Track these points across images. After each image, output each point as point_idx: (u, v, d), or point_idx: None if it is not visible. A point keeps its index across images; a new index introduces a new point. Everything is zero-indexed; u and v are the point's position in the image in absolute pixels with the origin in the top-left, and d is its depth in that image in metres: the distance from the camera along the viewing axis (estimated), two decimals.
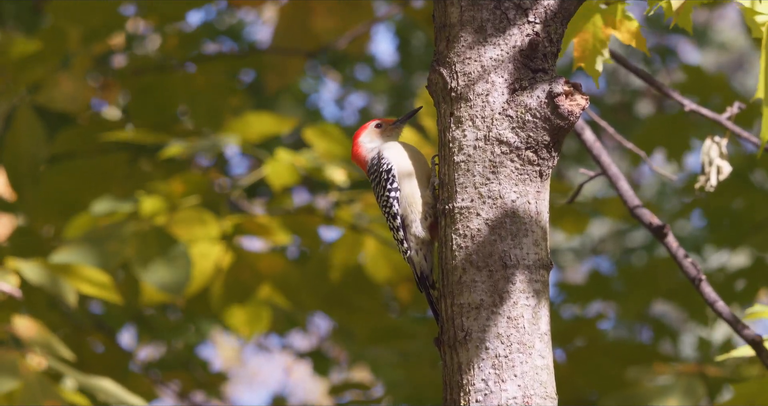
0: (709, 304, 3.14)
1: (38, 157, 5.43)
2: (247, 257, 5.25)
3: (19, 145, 5.43)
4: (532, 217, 2.61)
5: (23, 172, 5.44)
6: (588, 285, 6.58)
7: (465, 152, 2.62)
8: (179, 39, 6.02)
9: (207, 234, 5.06)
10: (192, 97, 5.73)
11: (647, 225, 3.25)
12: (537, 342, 2.57)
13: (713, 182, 3.22)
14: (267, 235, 5.23)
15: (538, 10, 2.64)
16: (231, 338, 9.16)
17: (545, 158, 2.62)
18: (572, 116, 2.61)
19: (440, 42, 2.68)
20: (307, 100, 8.07)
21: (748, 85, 11.47)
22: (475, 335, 2.57)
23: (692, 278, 3.19)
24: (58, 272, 4.44)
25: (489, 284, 2.58)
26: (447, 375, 2.59)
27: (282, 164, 5.12)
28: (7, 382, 3.98)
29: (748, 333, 3.09)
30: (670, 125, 5.98)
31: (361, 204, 5.31)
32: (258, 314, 5.28)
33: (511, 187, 2.61)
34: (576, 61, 2.96)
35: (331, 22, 6.06)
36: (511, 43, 2.63)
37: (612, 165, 3.38)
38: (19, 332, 4.21)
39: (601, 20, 2.94)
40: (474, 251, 2.59)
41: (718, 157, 3.23)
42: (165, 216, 5.02)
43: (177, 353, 6.84)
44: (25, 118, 5.44)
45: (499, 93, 2.62)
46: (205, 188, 5.14)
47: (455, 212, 2.62)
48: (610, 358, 5.93)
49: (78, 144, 5.61)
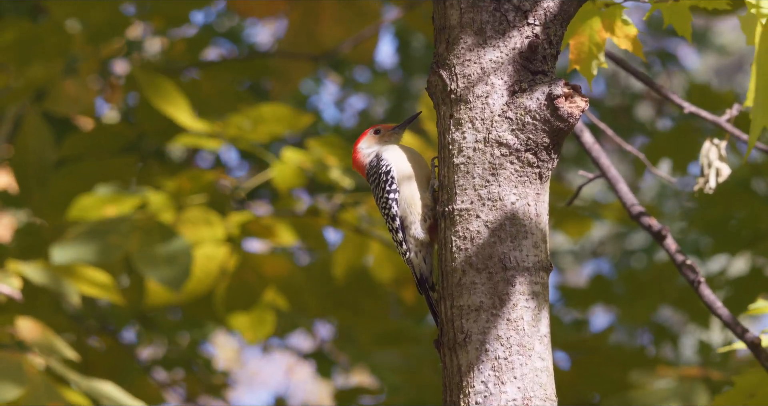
0: (708, 306, 3.15)
1: (46, 160, 5.45)
2: (252, 260, 5.24)
3: (26, 148, 5.44)
4: (532, 219, 2.61)
5: (31, 175, 5.45)
6: (590, 289, 6.57)
7: (465, 154, 2.62)
8: (186, 43, 6.02)
9: (213, 235, 5.05)
10: (199, 103, 5.73)
11: (646, 228, 3.25)
12: (537, 344, 2.57)
13: (712, 184, 3.22)
14: (272, 237, 5.22)
15: (538, 12, 2.64)
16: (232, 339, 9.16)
17: (545, 160, 2.63)
18: (572, 118, 2.61)
19: (440, 44, 2.68)
20: (307, 102, 8.06)
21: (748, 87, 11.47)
22: (474, 337, 2.57)
23: (691, 281, 3.19)
24: (60, 272, 4.44)
25: (489, 286, 2.58)
26: (447, 377, 2.59)
27: (289, 166, 5.11)
28: (13, 388, 3.98)
29: (747, 336, 3.09)
30: (676, 137, 5.97)
31: (366, 206, 5.30)
32: (262, 318, 5.27)
33: (510, 189, 2.61)
34: (571, 63, 2.97)
35: (338, 31, 6.07)
36: (510, 45, 2.63)
37: (611, 167, 3.38)
38: (22, 334, 4.21)
39: (599, 24, 2.94)
40: (474, 253, 2.59)
41: (717, 160, 3.23)
42: (172, 214, 5.01)
43: (180, 352, 6.84)
44: (33, 121, 5.46)
45: (498, 95, 2.62)
46: (211, 187, 5.13)
47: (455, 214, 2.62)
48: (612, 362, 5.93)
49: (85, 147, 5.61)
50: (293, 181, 5.16)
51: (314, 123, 7.96)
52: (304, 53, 6.14)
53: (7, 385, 3.99)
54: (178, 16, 5.90)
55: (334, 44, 6.15)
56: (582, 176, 3.48)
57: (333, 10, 6.07)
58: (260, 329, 5.29)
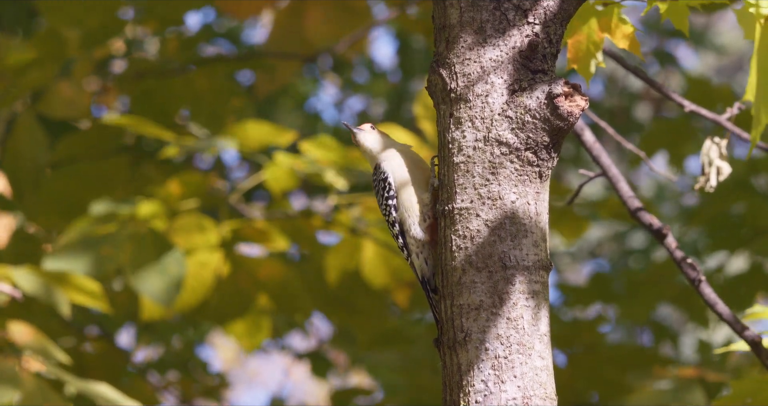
0: (708, 305, 3.14)
1: (39, 162, 5.43)
2: (246, 264, 5.21)
3: (20, 150, 5.43)
4: (532, 218, 2.61)
5: (24, 178, 5.43)
6: (589, 287, 6.56)
7: (464, 153, 2.62)
8: (179, 42, 6.01)
9: (206, 242, 5.03)
10: (193, 101, 5.72)
11: (647, 226, 3.24)
12: (537, 343, 2.57)
13: (713, 183, 3.22)
14: (265, 241, 5.21)
15: (538, 11, 2.64)
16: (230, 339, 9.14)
17: (545, 159, 2.62)
18: (572, 117, 2.61)
19: (440, 43, 2.68)
20: (306, 103, 8.06)
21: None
22: (474, 335, 2.56)
23: (692, 279, 3.19)
24: (50, 279, 4.42)
25: (489, 285, 2.58)
26: (446, 376, 2.59)
27: (281, 168, 5.10)
28: (9, 392, 3.97)
29: (747, 334, 3.09)
30: (672, 130, 5.98)
31: (361, 208, 5.29)
32: (258, 324, 5.25)
33: (510, 188, 2.61)
34: (570, 62, 2.96)
35: (326, 29, 6.05)
36: (510, 44, 2.63)
37: (612, 166, 3.37)
38: (15, 338, 4.19)
39: (596, 23, 2.94)
40: (474, 252, 2.59)
41: (718, 158, 3.23)
42: (164, 221, 4.99)
43: (176, 354, 6.83)
44: (26, 124, 5.44)
45: (498, 94, 2.62)
46: (203, 190, 5.12)
47: (455, 213, 2.62)
48: (610, 361, 5.92)
49: (79, 149, 5.60)
50: (287, 184, 5.15)
51: (313, 124, 7.96)
52: (294, 54, 6.12)
53: (3, 389, 3.98)
54: (172, 18, 5.89)
55: (324, 44, 6.14)
56: (582, 175, 3.48)
57: (320, 10, 6.05)
58: (256, 335, 5.27)
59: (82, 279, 4.52)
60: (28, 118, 5.45)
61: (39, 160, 5.44)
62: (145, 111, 5.69)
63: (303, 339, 8.33)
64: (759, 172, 5.93)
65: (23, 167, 5.43)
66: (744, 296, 5.91)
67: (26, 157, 5.43)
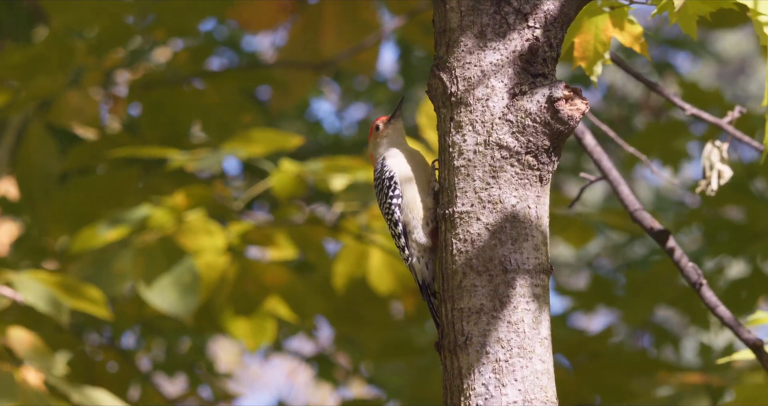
0: (710, 308, 3.14)
1: (50, 172, 5.44)
2: (253, 268, 5.21)
3: (30, 160, 5.44)
4: (532, 221, 2.61)
5: (35, 187, 5.44)
6: (589, 290, 6.56)
7: (465, 157, 2.62)
8: (189, 53, 6.01)
9: (213, 245, 5.03)
10: (203, 113, 5.72)
11: (648, 230, 3.24)
12: (537, 347, 2.57)
13: (714, 187, 3.22)
14: (273, 246, 5.21)
15: (538, 14, 2.64)
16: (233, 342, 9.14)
17: (545, 163, 2.62)
18: (572, 121, 2.61)
19: (440, 47, 2.68)
20: (308, 111, 8.07)
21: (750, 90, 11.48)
22: (475, 339, 2.56)
23: (693, 283, 3.18)
24: (53, 285, 4.40)
25: (489, 289, 2.58)
26: (447, 380, 2.59)
27: (287, 175, 5.11)
28: (5, 400, 3.96)
29: (749, 338, 3.08)
30: (667, 133, 5.98)
31: (367, 215, 5.29)
32: (262, 326, 5.26)
33: (511, 191, 2.61)
34: (576, 61, 2.96)
35: (339, 43, 6.07)
36: (511, 48, 2.63)
37: (613, 169, 3.37)
38: (13, 345, 4.18)
39: (604, 22, 2.94)
40: (474, 255, 2.59)
41: (718, 162, 3.22)
42: (172, 228, 4.99)
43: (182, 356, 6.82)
44: (37, 133, 5.45)
45: (499, 98, 2.62)
46: (209, 201, 5.12)
47: (455, 216, 2.62)
48: (613, 366, 5.92)
49: (89, 159, 5.60)
50: (293, 190, 5.15)
51: (315, 132, 7.97)
52: (304, 63, 6.13)
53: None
54: (183, 28, 5.90)
55: (335, 56, 6.15)
56: (583, 180, 3.47)
57: (334, 23, 6.07)
58: (260, 336, 5.27)
59: (84, 286, 4.51)
60: (38, 128, 5.45)
61: (50, 169, 5.44)
62: (155, 122, 5.69)
63: (306, 342, 8.33)
64: (756, 176, 5.94)
65: (35, 176, 5.43)
66: (745, 299, 5.91)
67: (37, 167, 5.43)
